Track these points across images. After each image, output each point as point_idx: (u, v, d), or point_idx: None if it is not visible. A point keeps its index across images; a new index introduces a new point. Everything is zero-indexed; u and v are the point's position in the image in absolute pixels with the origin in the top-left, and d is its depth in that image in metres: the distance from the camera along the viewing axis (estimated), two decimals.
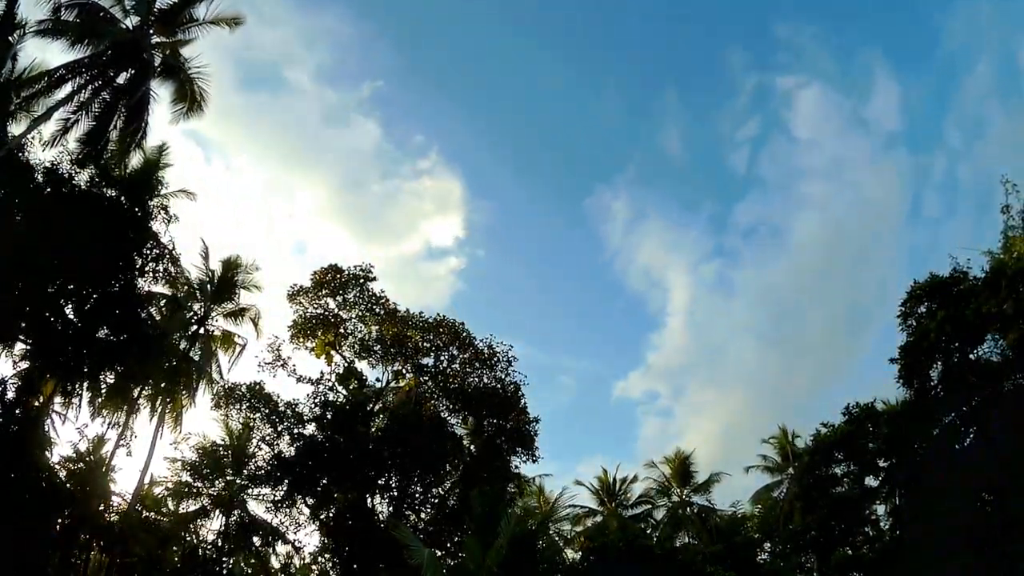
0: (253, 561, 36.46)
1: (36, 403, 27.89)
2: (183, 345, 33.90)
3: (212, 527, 35.66)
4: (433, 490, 35.20)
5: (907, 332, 26.85)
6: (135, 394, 31.48)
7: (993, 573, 24.02)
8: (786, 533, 37.35)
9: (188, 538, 34.60)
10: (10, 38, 25.73)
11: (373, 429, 34.47)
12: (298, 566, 36.25)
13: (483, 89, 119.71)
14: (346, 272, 36.28)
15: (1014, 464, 23.01)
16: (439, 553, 30.60)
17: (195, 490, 35.65)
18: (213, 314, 35.63)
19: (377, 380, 36.99)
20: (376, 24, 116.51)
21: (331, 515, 34.34)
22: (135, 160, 28.83)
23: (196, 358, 34.27)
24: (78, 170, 26.63)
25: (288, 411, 35.17)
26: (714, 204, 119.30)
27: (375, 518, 33.73)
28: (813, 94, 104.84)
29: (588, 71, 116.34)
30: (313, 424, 34.95)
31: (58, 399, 29.86)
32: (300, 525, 35.67)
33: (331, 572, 34.78)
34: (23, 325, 26.11)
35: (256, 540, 35.92)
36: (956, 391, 25.69)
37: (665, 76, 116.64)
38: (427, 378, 36.38)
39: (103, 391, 29.98)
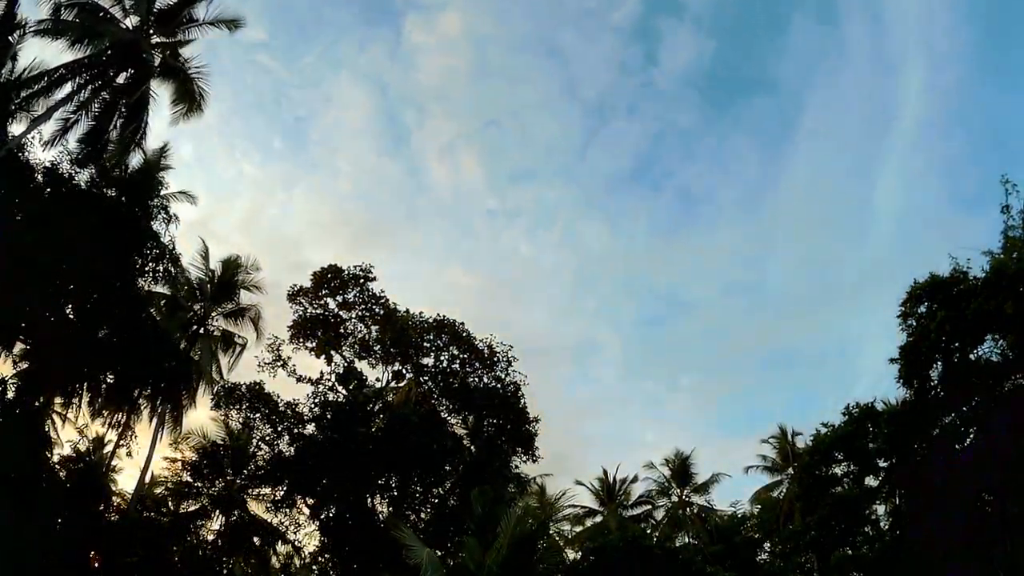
0: (253, 561, 36.40)
1: (36, 403, 27.87)
2: (183, 345, 33.88)
3: (212, 527, 35.64)
4: (433, 490, 35.19)
5: (907, 332, 26.78)
6: (135, 394, 31.45)
7: (993, 573, 24.01)
8: (786, 533, 37.35)
9: (188, 538, 34.55)
10: (10, 38, 25.74)
11: (373, 429, 34.44)
12: (298, 566, 36.20)
13: None
14: (346, 272, 36.32)
15: (1014, 464, 22.96)
16: (439, 553, 30.55)
17: (195, 490, 35.58)
18: (213, 314, 35.65)
19: (377, 380, 37.05)
20: None
21: (331, 515, 34.30)
22: (135, 160, 28.89)
23: (196, 358, 34.25)
24: (78, 170, 26.67)
25: (288, 411, 35.19)
26: None
27: (375, 518, 33.71)
28: None
29: None
30: (313, 424, 34.96)
31: (58, 399, 29.89)
32: (300, 525, 35.73)
33: (331, 572, 34.73)
34: (23, 325, 26.09)
35: (256, 540, 35.88)
36: (956, 391, 25.62)
37: None
38: (427, 378, 36.42)
39: (103, 391, 29.96)
